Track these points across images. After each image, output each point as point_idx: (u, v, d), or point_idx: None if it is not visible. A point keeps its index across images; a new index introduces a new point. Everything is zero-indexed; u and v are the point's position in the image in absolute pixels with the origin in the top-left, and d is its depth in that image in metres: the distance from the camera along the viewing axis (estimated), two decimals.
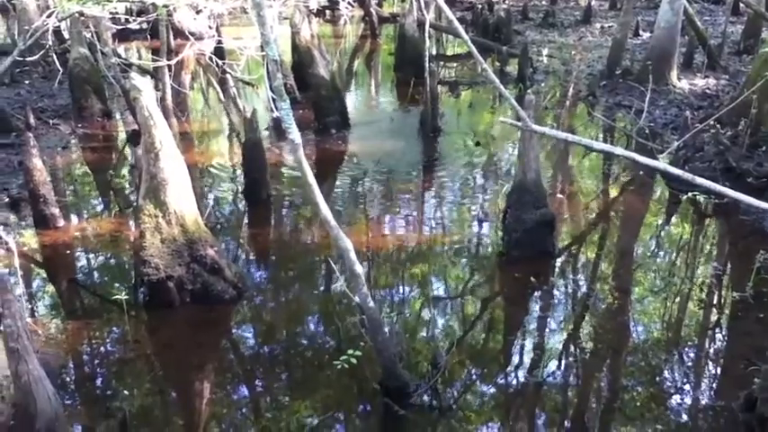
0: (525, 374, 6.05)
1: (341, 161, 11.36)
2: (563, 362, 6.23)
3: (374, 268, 7.83)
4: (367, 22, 22.91)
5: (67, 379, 6.08)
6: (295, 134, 4.92)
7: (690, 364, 6.30)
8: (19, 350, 4.59)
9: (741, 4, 19.88)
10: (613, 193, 10.19)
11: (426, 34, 12.46)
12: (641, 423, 5.41)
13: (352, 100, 15.34)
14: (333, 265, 7.28)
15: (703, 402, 5.70)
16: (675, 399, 5.72)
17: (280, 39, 11.81)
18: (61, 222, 8.65)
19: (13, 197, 9.47)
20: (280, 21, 17.20)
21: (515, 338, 6.54)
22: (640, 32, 19.34)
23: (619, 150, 3.76)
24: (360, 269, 5.26)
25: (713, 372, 6.23)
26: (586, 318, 6.92)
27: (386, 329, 5.56)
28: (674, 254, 8.38)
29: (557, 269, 7.82)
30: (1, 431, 5.11)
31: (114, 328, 6.72)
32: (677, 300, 7.26)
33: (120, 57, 14.35)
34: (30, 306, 7.12)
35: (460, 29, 4.37)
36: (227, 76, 15.22)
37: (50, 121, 12.78)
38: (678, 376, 6.07)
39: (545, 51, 18.78)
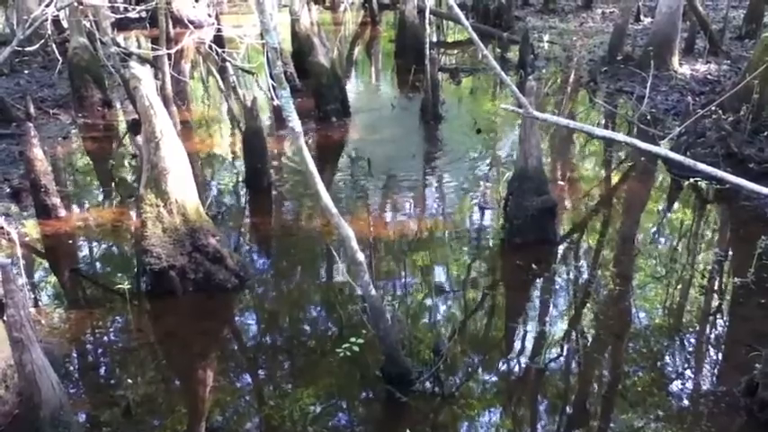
0: (527, 361, 6.07)
1: (341, 149, 11.35)
2: (564, 348, 6.24)
3: (376, 256, 7.83)
4: (367, 8, 22.81)
5: (71, 368, 6.12)
6: (295, 122, 4.91)
7: (691, 349, 6.32)
8: (23, 340, 4.60)
9: None
10: (615, 179, 10.17)
11: (427, 21, 12.42)
12: (643, 408, 5.43)
13: (353, 87, 15.28)
14: (334, 253, 7.29)
15: (704, 387, 5.72)
16: (677, 384, 5.75)
17: (279, 26, 11.75)
18: (63, 212, 8.66)
19: (14, 187, 9.48)
20: (279, 8, 17.15)
21: (517, 325, 6.56)
22: (641, 18, 19.23)
23: (620, 137, 3.74)
24: (361, 257, 5.27)
25: (714, 357, 6.25)
26: (588, 304, 6.93)
27: (388, 317, 5.57)
28: (676, 240, 8.38)
29: (558, 256, 7.82)
30: (6, 420, 5.14)
31: (117, 318, 6.75)
32: (679, 286, 7.27)
33: (119, 46, 14.28)
34: (32, 296, 7.15)
35: (461, 15, 4.34)
36: (227, 64, 15.16)
37: (50, 111, 12.77)
38: (679, 362, 6.09)
39: (546, 37, 18.68)
